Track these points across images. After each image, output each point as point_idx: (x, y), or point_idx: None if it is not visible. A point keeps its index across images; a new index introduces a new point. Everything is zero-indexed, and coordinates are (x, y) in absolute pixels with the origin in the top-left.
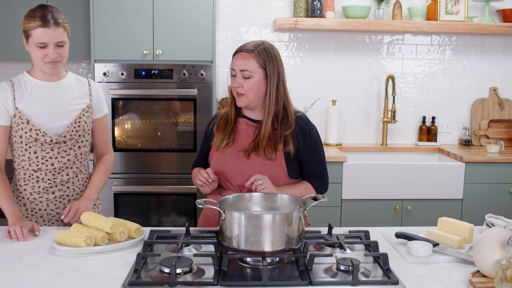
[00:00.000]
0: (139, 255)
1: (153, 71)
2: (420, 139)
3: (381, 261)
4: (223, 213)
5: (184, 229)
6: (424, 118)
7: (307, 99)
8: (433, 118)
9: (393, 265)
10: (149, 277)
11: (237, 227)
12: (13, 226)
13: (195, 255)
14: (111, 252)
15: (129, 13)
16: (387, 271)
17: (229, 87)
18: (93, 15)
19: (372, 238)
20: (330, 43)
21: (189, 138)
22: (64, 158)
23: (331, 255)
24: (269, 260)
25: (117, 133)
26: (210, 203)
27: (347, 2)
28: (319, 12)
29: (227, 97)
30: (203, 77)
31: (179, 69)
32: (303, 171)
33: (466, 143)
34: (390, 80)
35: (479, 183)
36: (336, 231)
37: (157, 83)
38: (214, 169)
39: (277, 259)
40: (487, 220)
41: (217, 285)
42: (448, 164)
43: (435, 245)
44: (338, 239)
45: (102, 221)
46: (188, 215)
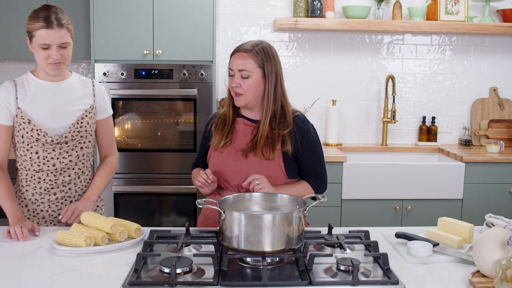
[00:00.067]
0: (139, 255)
1: (153, 71)
2: (420, 139)
3: (381, 261)
4: (223, 213)
5: (184, 229)
6: (424, 118)
7: (307, 99)
8: (433, 118)
9: (393, 265)
10: (149, 277)
11: (237, 227)
12: (13, 226)
13: (195, 255)
14: (111, 252)
15: (129, 13)
16: (387, 271)
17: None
18: (93, 15)
19: (372, 238)
20: (330, 43)
21: (189, 138)
22: (65, 159)
23: (331, 255)
24: (269, 260)
25: (117, 133)
26: (210, 203)
27: (347, 2)
28: (319, 12)
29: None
30: (203, 77)
31: (179, 69)
32: (302, 170)
33: (466, 143)
34: (390, 80)
35: (479, 183)
36: (336, 231)
37: (157, 83)
38: (212, 169)
39: (277, 259)
40: (487, 220)
41: (217, 285)
42: (448, 164)
43: (435, 245)
44: (338, 239)
45: (102, 221)
46: (188, 215)
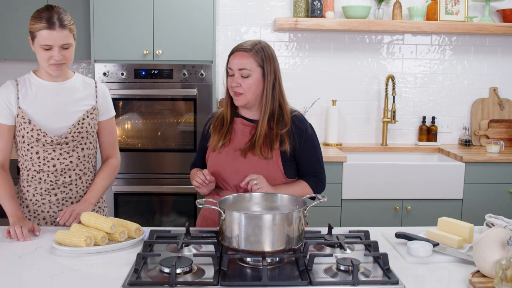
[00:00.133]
0: (139, 255)
1: (153, 71)
2: (420, 139)
3: (381, 261)
4: (223, 213)
5: (184, 229)
6: (424, 118)
7: (307, 99)
8: (433, 118)
9: (393, 265)
10: (149, 277)
11: (237, 227)
12: (13, 226)
13: (195, 255)
14: (111, 252)
15: (129, 13)
16: (387, 271)
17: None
18: (93, 15)
19: (372, 238)
20: (330, 43)
21: (189, 138)
22: (66, 159)
23: (331, 255)
24: (269, 260)
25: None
26: (210, 203)
27: (347, 2)
28: (319, 12)
29: None
30: (203, 77)
31: (179, 69)
32: (300, 170)
33: (466, 143)
34: (390, 80)
35: (479, 183)
36: (336, 231)
37: (157, 83)
38: (210, 170)
39: (277, 259)
40: (487, 220)
41: (217, 285)
42: (448, 164)
43: (435, 245)
44: (338, 239)
45: (102, 221)
46: (188, 215)
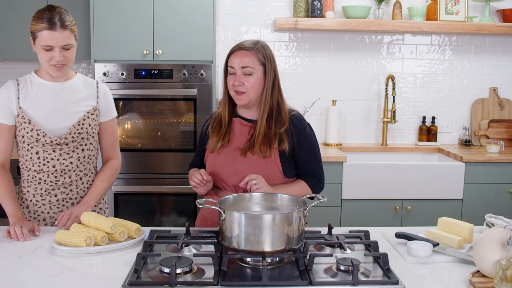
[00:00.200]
0: (139, 255)
1: (153, 71)
2: (420, 139)
3: (381, 261)
4: (223, 213)
5: (184, 229)
6: (424, 118)
7: (307, 99)
8: (433, 118)
9: (393, 265)
10: (149, 277)
11: (237, 227)
12: (13, 226)
13: (195, 255)
14: (111, 252)
15: (129, 13)
16: (387, 271)
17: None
18: (93, 15)
19: (372, 238)
20: (330, 43)
21: (189, 138)
22: (66, 160)
23: (331, 255)
24: (269, 260)
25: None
26: (210, 203)
27: (347, 2)
28: (319, 12)
29: None
30: (203, 77)
31: (179, 69)
32: (299, 170)
33: (466, 143)
34: (390, 80)
35: (479, 183)
36: (336, 231)
37: (157, 83)
38: (209, 170)
39: (277, 259)
40: (487, 220)
41: (217, 285)
42: (448, 164)
43: (435, 245)
44: (338, 239)
45: (102, 221)
46: (188, 215)
